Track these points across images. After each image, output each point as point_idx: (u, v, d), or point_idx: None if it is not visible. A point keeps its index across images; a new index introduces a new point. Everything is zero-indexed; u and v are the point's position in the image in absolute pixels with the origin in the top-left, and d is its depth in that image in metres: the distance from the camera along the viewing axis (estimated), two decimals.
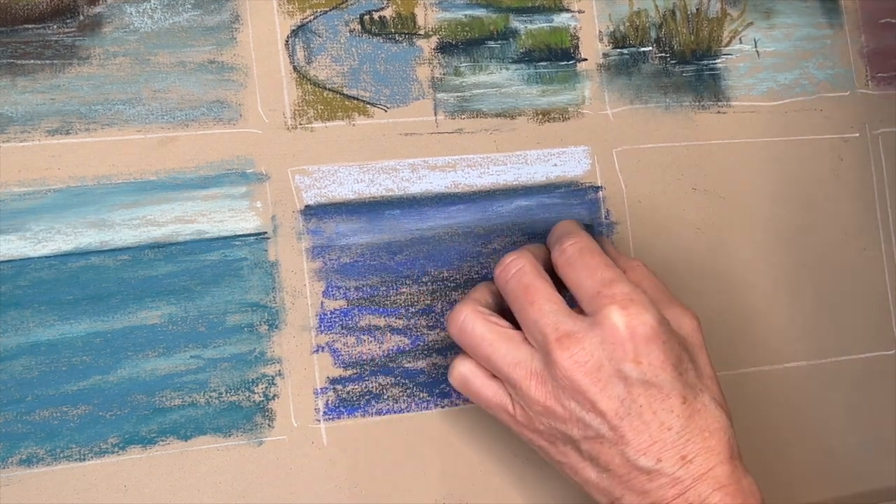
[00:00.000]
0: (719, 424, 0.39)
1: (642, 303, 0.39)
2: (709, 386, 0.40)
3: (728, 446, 0.39)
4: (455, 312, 0.42)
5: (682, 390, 0.39)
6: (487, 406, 0.42)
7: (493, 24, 0.48)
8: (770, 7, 0.53)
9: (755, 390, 0.51)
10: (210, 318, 0.43)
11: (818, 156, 0.53)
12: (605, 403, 0.38)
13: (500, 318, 0.42)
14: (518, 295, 0.41)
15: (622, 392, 0.38)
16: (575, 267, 0.41)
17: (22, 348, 0.40)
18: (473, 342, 0.41)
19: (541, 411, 0.40)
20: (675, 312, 0.42)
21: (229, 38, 0.44)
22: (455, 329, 0.42)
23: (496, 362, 0.40)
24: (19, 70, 0.41)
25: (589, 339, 0.39)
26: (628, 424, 0.38)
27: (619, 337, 0.38)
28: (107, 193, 0.42)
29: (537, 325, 0.40)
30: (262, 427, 0.43)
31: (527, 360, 0.40)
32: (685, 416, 0.38)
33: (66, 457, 0.41)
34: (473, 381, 0.42)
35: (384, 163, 0.46)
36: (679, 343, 0.40)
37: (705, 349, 0.42)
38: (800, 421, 0.51)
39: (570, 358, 0.38)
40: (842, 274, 0.53)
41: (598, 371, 0.38)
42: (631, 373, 0.38)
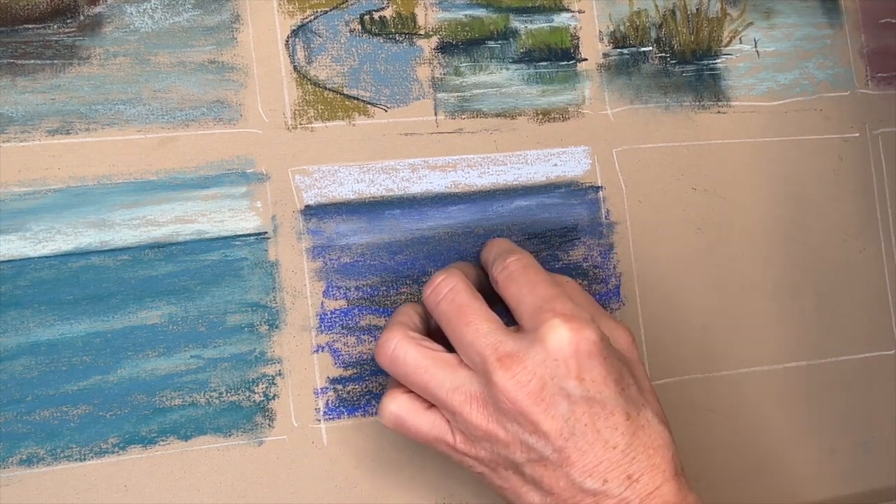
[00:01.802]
0: (663, 441, 0.38)
1: (583, 319, 0.38)
2: (650, 401, 0.39)
3: (672, 463, 0.38)
4: (384, 340, 0.40)
5: (626, 406, 0.38)
6: (426, 440, 0.40)
7: (494, 24, 0.48)
8: (770, 7, 0.53)
9: (755, 390, 0.51)
10: (210, 318, 0.43)
11: (818, 156, 0.53)
12: (549, 424, 0.37)
13: (433, 342, 0.40)
14: (451, 316, 0.39)
15: (566, 411, 0.37)
16: (517, 282, 0.40)
17: (22, 348, 0.40)
18: (407, 370, 0.39)
19: (482, 436, 0.38)
20: (610, 328, 0.41)
21: (229, 38, 0.44)
22: (385, 358, 0.40)
23: (433, 389, 0.39)
24: (19, 70, 0.41)
25: (531, 357, 0.37)
26: (573, 445, 0.37)
27: (562, 353, 0.37)
28: (107, 193, 0.42)
29: (474, 346, 0.38)
30: (263, 427, 0.43)
31: (466, 385, 0.38)
32: (629, 433, 0.37)
33: (66, 457, 0.41)
34: (407, 419, 0.40)
35: (384, 163, 0.46)
36: (619, 359, 0.39)
37: (641, 363, 0.41)
38: (800, 421, 0.51)
39: (511, 379, 0.37)
40: (842, 274, 0.53)
41: (541, 391, 0.37)
42: (574, 390, 0.37)
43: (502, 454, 0.38)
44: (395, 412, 0.40)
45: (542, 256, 0.48)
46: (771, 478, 0.50)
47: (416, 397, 0.40)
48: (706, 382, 0.50)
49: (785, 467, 0.51)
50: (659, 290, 0.49)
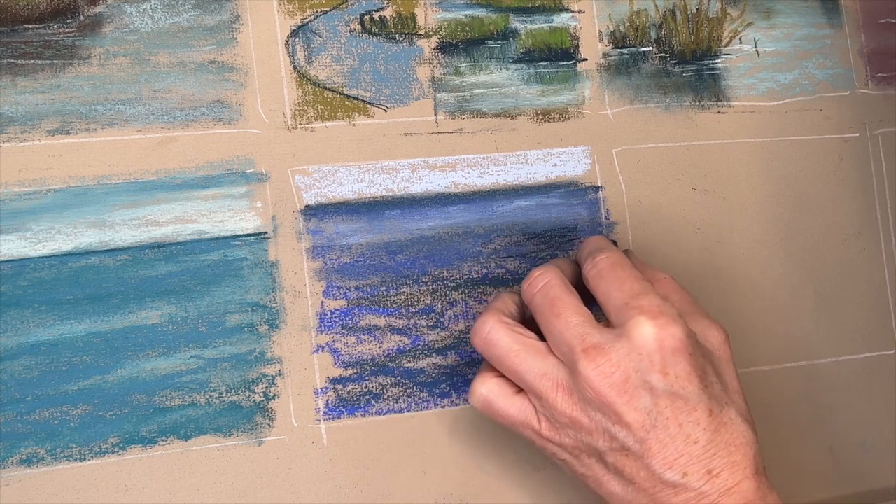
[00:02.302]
0: (745, 439, 0.39)
1: (670, 315, 0.39)
2: (735, 400, 0.40)
3: (754, 462, 0.38)
4: (480, 323, 0.41)
5: (709, 403, 0.38)
6: (512, 424, 0.41)
7: (493, 24, 0.48)
8: (770, 7, 0.53)
9: (755, 390, 0.50)
10: (210, 318, 0.43)
11: (818, 156, 0.53)
12: (632, 415, 0.38)
13: (526, 329, 0.41)
14: (544, 308, 0.41)
15: (648, 404, 0.38)
16: (605, 279, 0.41)
17: (22, 348, 0.40)
18: (499, 353, 0.41)
19: (567, 423, 0.39)
20: (703, 325, 0.42)
21: (229, 38, 0.44)
22: (480, 340, 0.41)
23: (522, 373, 0.40)
24: (19, 70, 0.41)
25: (616, 350, 0.38)
26: (654, 437, 0.38)
27: (646, 348, 0.38)
28: (107, 193, 0.42)
29: (563, 336, 0.39)
30: (263, 427, 0.43)
31: (553, 372, 0.39)
32: (711, 429, 0.38)
33: (67, 457, 0.41)
34: (496, 402, 0.41)
35: (384, 163, 0.46)
36: (705, 356, 0.40)
37: (732, 363, 0.42)
38: (800, 421, 0.51)
39: (596, 369, 0.38)
40: (842, 274, 0.53)
41: (624, 383, 0.38)
42: (657, 384, 0.38)
43: (585, 442, 0.39)
44: (485, 395, 0.41)
45: (542, 256, 0.48)
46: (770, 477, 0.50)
47: (506, 382, 0.41)
48: None
49: (784, 467, 0.51)
50: None
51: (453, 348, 0.46)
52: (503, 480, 0.46)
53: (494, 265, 0.47)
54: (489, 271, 0.47)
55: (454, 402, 0.46)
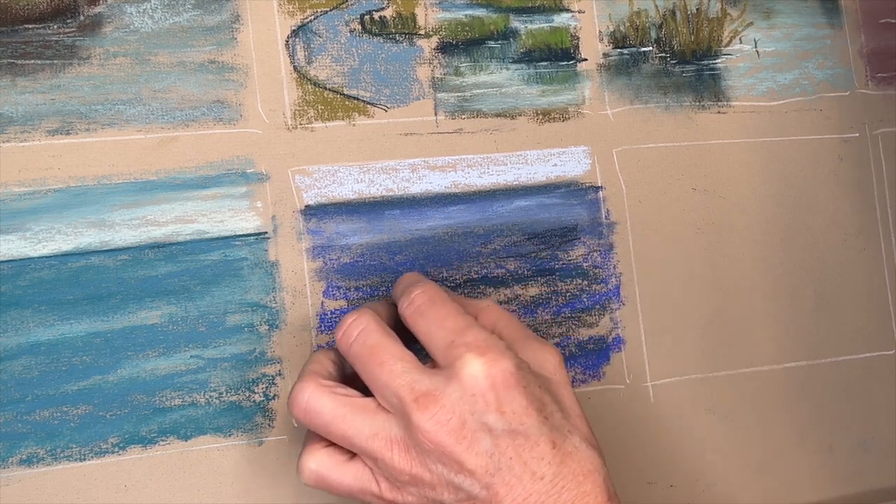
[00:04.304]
0: (593, 465, 0.37)
1: (498, 348, 0.37)
2: (577, 426, 0.38)
3: (604, 488, 0.37)
4: (297, 392, 0.38)
5: (550, 434, 0.36)
6: (350, 494, 0.38)
7: (494, 24, 0.48)
8: (770, 7, 0.53)
9: (755, 390, 0.51)
10: (210, 318, 0.43)
11: (818, 156, 0.53)
12: (474, 461, 0.36)
13: (347, 388, 0.38)
14: (364, 358, 0.38)
15: (489, 446, 0.36)
16: (425, 317, 0.39)
17: (22, 348, 0.40)
18: (324, 421, 0.37)
19: (408, 480, 0.37)
20: (535, 350, 0.40)
21: (229, 38, 0.44)
22: (299, 411, 0.38)
23: (352, 438, 0.37)
24: (19, 70, 0.41)
25: (448, 395, 0.36)
26: (500, 480, 0.36)
27: (479, 387, 0.36)
28: (107, 193, 0.42)
29: (390, 387, 0.37)
30: (263, 427, 0.43)
31: (385, 429, 0.37)
32: (556, 461, 0.36)
33: (67, 457, 0.41)
34: (329, 475, 0.38)
35: (384, 163, 0.46)
36: (541, 385, 0.38)
37: (569, 386, 0.40)
38: (800, 421, 0.51)
39: (431, 419, 0.36)
40: (842, 274, 0.53)
41: (461, 428, 0.36)
42: (496, 424, 0.36)
43: (430, 497, 0.37)
44: (315, 469, 0.38)
45: (542, 256, 0.48)
46: (771, 478, 0.50)
47: (335, 451, 0.39)
48: (706, 382, 0.50)
49: (785, 467, 0.51)
50: (659, 290, 0.49)
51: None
52: None
53: (494, 265, 0.47)
54: (489, 271, 0.47)
55: None
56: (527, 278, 0.47)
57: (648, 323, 0.49)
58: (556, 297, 0.48)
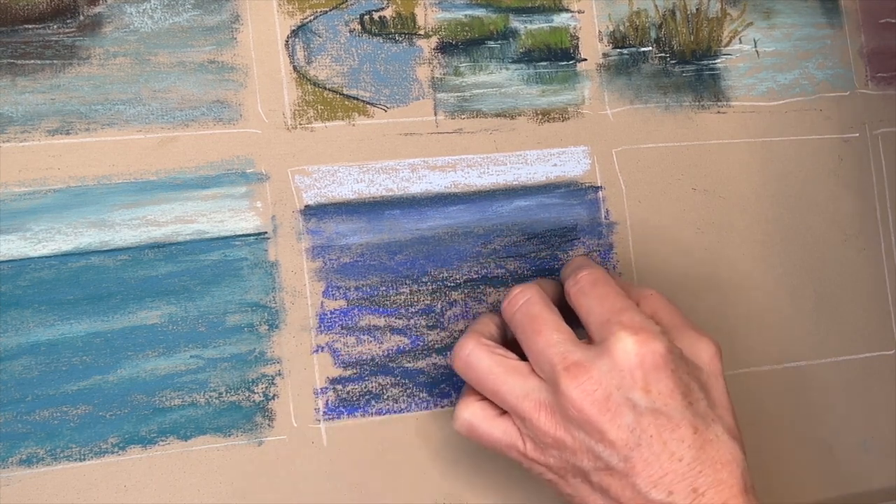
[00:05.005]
0: (732, 456, 0.38)
1: (652, 331, 0.39)
2: (722, 416, 0.39)
3: (741, 479, 0.38)
4: (459, 346, 0.41)
5: (693, 420, 0.38)
6: (497, 447, 0.41)
7: (493, 24, 0.48)
8: (770, 7, 0.53)
9: (755, 390, 0.51)
10: (210, 318, 0.43)
11: (818, 156, 0.53)
12: (615, 433, 0.37)
13: (506, 350, 0.41)
14: (525, 326, 0.40)
15: (631, 421, 0.37)
16: (587, 295, 0.41)
17: (22, 348, 0.40)
18: (480, 376, 0.40)
19: (551, 443, 0.39)
20: (692, 339, 0.41)
21: (229, 38, 0.44)
22: (460, 363, 0.41)
23: (504, 395, 0.40)
24: (19, 70, 0.41)
25: (597, 367, 0.38)
26: (638, 455, 0.37)
27: (628, 364, 0.38)
28: (107, 193, 0.42)
29: (544, 354, 0.39)
30: (263, 427, 0.43)
31: (535, 392, 0.39)
32: (696, 446, 0.37)
33: (66, 457, 0.41)
34: (480, 426, 0.41)
35: (384, 163, 0.46)
36: (690, 372, 0.39)
37: (722, 378, 0.41)
38: (800, 421, 0.51)
39: (578, 388, 0.38)
40: (842, 274, 0.53)
41: (606, 401, 0.38)
42: (640, 401, 0.38)
43: (570, 461, 0.39)
44: (469, 419, 0.41)
45: (541, 256, 0.48)
46: (770, 477, 0.50)
47: (489, 405, 0.41)
48: None
49: (784, 467, 0.51)
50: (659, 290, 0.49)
51: (453, 348, 0.46)
52: (503, 480, 0.46)
53: (494, 265, 0.47)
54: (489, 271, 0.47)
55: (454, 402, 0.46)
56: (527, 278, 0.47)
57: None
58: None
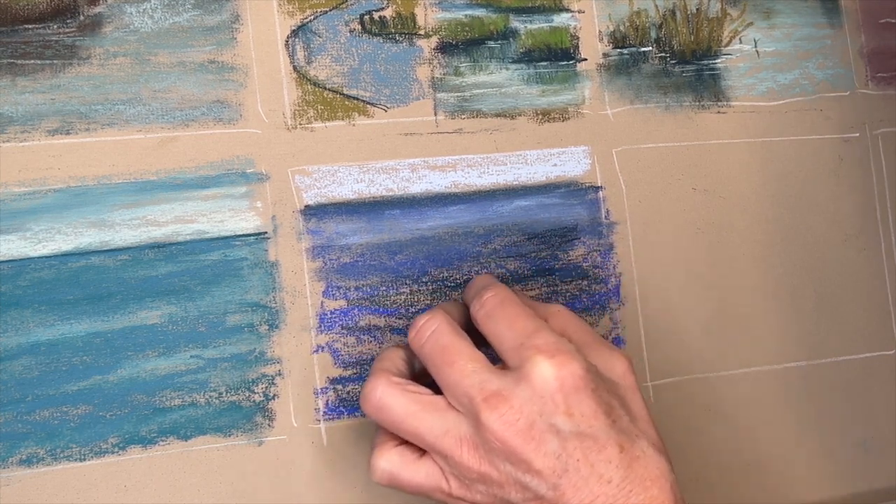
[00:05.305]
0: (660, 471, 0.37)
1: (568, 351, 0.38)
2: (645, 430, 0.38)
3: (671, 493, 0.37)
4: (369, 388, 0.39)
5: (618, 438, 0.37)
6: (421, 491, 0.39)
7: (493, 24, 0.48)
8: (770, 7, 0.53)
9: (755, 390, 0.51)
10: (210, 318, 0.43)
11: (818, 156, 0.53)
12: (541, 462, 0.36)
13: (418, 385, 0.39)
14: (436, 358, 0.39)
15: (557, 447, 0.36)
16: (495, 319, 0.40)
17: (22, 348, 0.40)
18: (395, 418, 0.38)
19: (476, 478, 0.37)
20: (604, 355, 0.40)
21: (229, 38, 0.44)
22: (371, 407, 0.39)
23: (423, 435, 0.38)
24: (19, 70, 0.41)
25: (517, 395, 0.37)
26: (567, 481, 0.36)
27: (547, 389, 0.37)
28: (107, 193, 0.42)
29: (460, 387, 0.37)
30: (263, 427, 0.43)
31: (455, 427, 0.37)
32: (624, 465, 0.36)
33: (67, 457, 0.41)
34: (401, 474, 0.39)
35: (384, 163, 0.46)
36: (609, 389, 0.38)
37: (639, 391, 0.40)
38: (800, 421, 0.51)
39: (499, 419, 0.36)
40: (842, 274, 0.53)
41: (530, 429, 0.36)
42: (564, 426, 0.36)
43: (498, 495, 0.37)
44: (387, 469, 0.39)
45: (542, 256, 0.48)
46: (770, 477, 0.50)
47: (406, 449, 0.39)
48: (706, 382, 0.50)
49: (784, 467, 0.51)
50: (659, 290, 0.49)
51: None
52: None
53: (494, 265, 0.47)
54: (489, 271, 0.47)
55: None
56: (527, 278, 0.47)
57: (648, 323, 0.49)
58: (556, 298, 0.48)
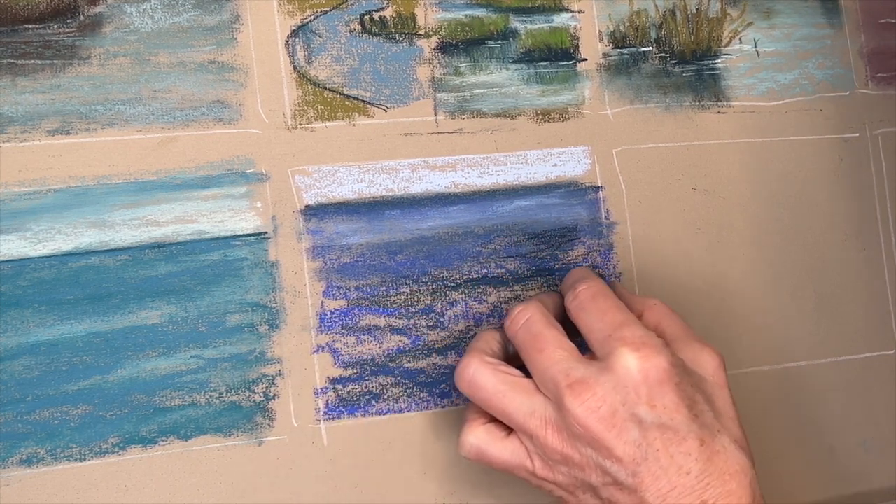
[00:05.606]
0: (740, 467, 0.38)
1: (654, 345, 0.39)
2: (728, 427, 0.39)
3: (749, 489, 0.38)
4: (463, 366, 0.41)
5: (699, 432, 0.38)
6: (506, 468, 0.41)
7: (493, 24, 0.48)
8: (770, 7, 0.53)
9: (755, 390, 0.51)
10: (210, 318, 0.43)
11: (818, 156, 0.53)
12: (622, 449, 0.37)
13: (510, 367, 0.41)
14: (528, 344, 0.40)
15: (638, 437, 0.37)
16: (587, 311, 0.41)
17: (22, 348, 0.40)
18: (485, 395, 0.40)
19: (559, 459, 0.39)
20: (695, 350, 0.41)
21: (229, 38, 0.44)
22: (465, 383, 0.41)
23: (511, 414, 0.40)
24: (20, 70, 0.41)
25: (601, 384, 0.38)
26: (646, 469, 0.37)
27: (631, 380, 0.38)
28: (107, 193, 0.42)
29: (548, 372, 0.39)
30: (263, 427, 0.43)
31: (541, 409, 0.39)
32: (703, 458, 0.37)
33: (67, 457, 0.41)
34: (488, 450, 0.41)
35: (384, 163, 0.46)
36: (695, 384, 0.39)
37: (727, 388, 0.41)
38: (800, 421, 0.51)
39: (582, 405, 0.38)
40: (842, 274, 0.53)
41: (612, 417, 0.38)
42: (646, 416, 0.38)
43: (579, 477, 0.39)
44: (476, 444, 0.41)
45: (542, 256, 0.48)
46: (770, 477, 0.50)
47: (494, 426, 0.41)
48: None
49: (784, 467, 0.51)
50: (659, 290, 0.49)
51: (453, 348, 0.46)
52: (504, 480, 0.46)
53: (494, 265, 0.47)
54: (489, 271, 0.47)
55: (454, 402, 0.46)
56: (527, 278, 0.47)
57: None
58: None
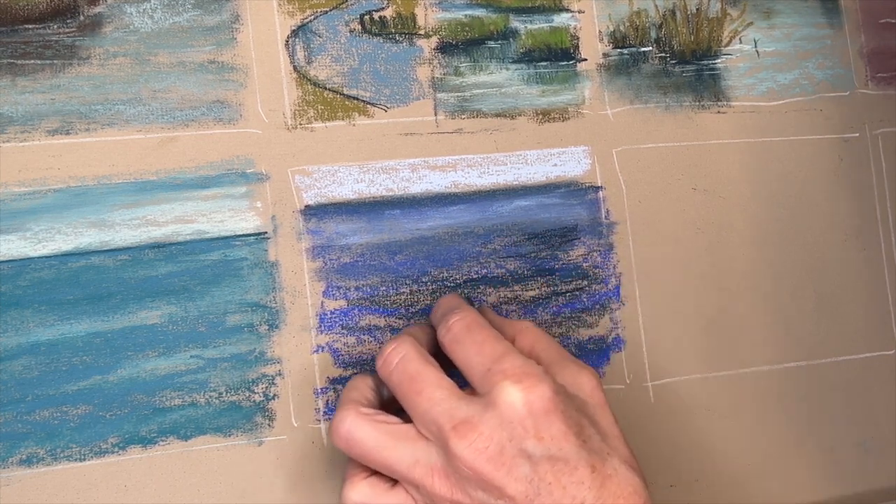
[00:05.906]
0: (633, 488, 0.37)
1: (535, 374, 0.37)
2: (616, 447, 0.38)
3: None
4: (337, 421, 0.38)
5: (589, 458, 0.37)
6: None
7: (493, 24, 0.48)
8: (770, 7, 0.53)
9: (755, 390, 0.51)
10: (210, 318, 0.43)
11: (818, 156, 0.53)
12: (513, 487, 0.36)
13: (387, 415, 0.39)
14: (404, 386, 0.38)
15: (529, 472, 0.36)
16: (462, 344, 0.39)
17: (22, 348, 0.40)
18: (365, 450, 0.38)
19: None
20: (572, 373, 0.40)
21: (229, 38, 0.44)
22: (341, 440, 0.38)
23: (393, 465, 0.38)
24: (19, 70, 0.41)
25: (486, 422, 0.36)
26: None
27: (516, 415, 0.36)
28: (107, 193, 0.42)
29: (429, 414, 0.37)
30: (263, 427, 0.43)
31: (425, 457, 0.37)
32: (596, 485, 0.36)
33: (66, 457, 0.41)
34: None
35: (384, 163, 0.46)
36: (578, 408, 0.38)
37: (607, 408, 0.40)
38: (800, 421, 0.51)
39: (469, 447, 0.36)
40: (842, 274, 0.53)
41: (500, 455, 0.36)
42: (534, 450, 0.36)
43: None
44: (359, 502, 0.39)
45: (542, 256, 0.48)
46: (771, 478, 0.50)
47: (377, 480, 0.39)
48: (706, 382, 0.50)
49: (785, 467, 0.51)
50: (659, 290, 0.49)
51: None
52: None
53: (494, 265, 0.47)
54: (489, 271, 0.47)
55: None
56: (527, 278, 0.47)
57: (648, 323, 0.49)
58: (556, 298, 0.48)
